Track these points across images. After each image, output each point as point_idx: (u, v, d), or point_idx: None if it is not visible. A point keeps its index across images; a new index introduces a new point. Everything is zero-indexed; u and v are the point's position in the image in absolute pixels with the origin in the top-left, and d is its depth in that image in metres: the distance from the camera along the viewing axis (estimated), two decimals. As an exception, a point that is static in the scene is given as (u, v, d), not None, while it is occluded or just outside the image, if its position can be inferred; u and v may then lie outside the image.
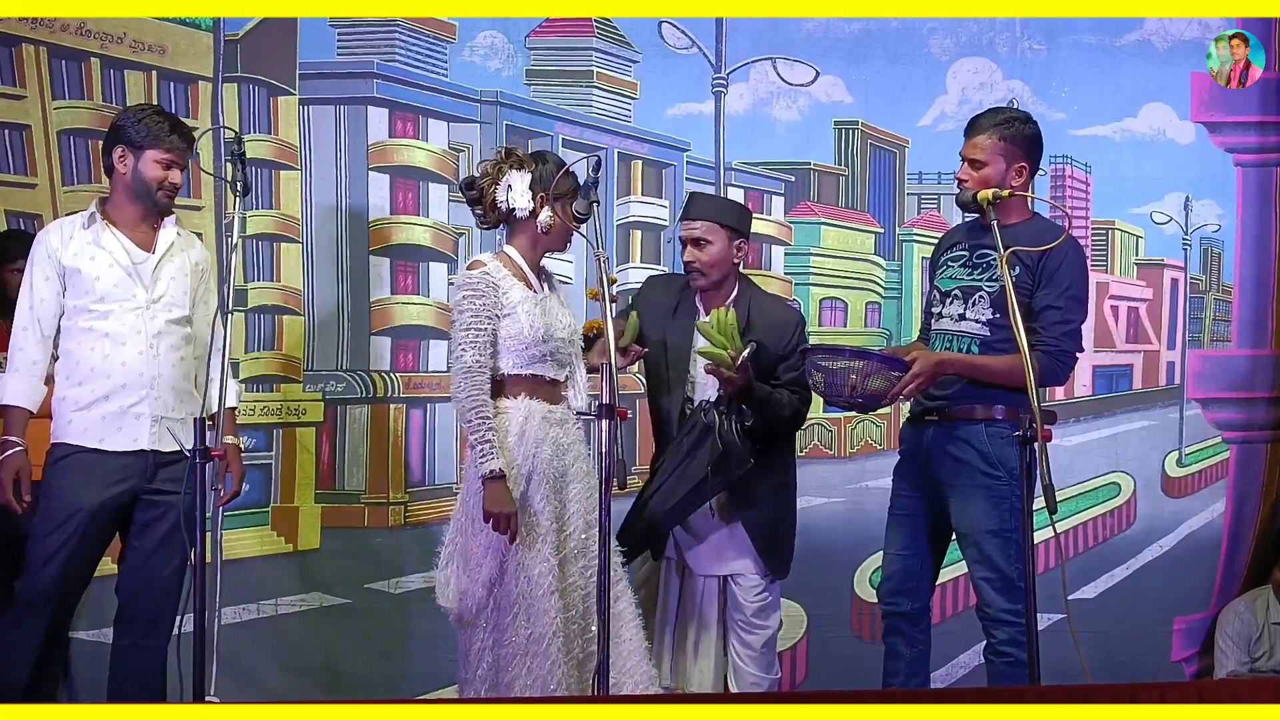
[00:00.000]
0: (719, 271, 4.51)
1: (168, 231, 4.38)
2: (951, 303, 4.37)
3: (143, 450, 4.27)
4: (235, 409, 4.46)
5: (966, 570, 4.43)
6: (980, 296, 4.31)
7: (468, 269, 4.29)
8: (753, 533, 4.51)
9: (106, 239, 4.29)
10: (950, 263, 4.42)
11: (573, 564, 4.23)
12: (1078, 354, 4.33)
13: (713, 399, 4.45)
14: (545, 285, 4.35)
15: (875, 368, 4.17)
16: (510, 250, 4.29)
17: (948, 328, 4.38)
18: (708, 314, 4.50)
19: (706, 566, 4.55)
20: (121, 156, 4.29)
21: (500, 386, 4.24)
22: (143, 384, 4.27)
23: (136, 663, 4.30)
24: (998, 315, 4.26)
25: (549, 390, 4.28)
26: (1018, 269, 4.21)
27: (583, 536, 4.24)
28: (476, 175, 4.33)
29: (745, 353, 4.29)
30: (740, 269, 4.61)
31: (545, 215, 4.24)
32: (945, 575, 4.76)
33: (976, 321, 4.31)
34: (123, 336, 4.26)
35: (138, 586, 4.30)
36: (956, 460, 4.28)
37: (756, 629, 4.54)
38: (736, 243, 4.52)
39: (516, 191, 4.23)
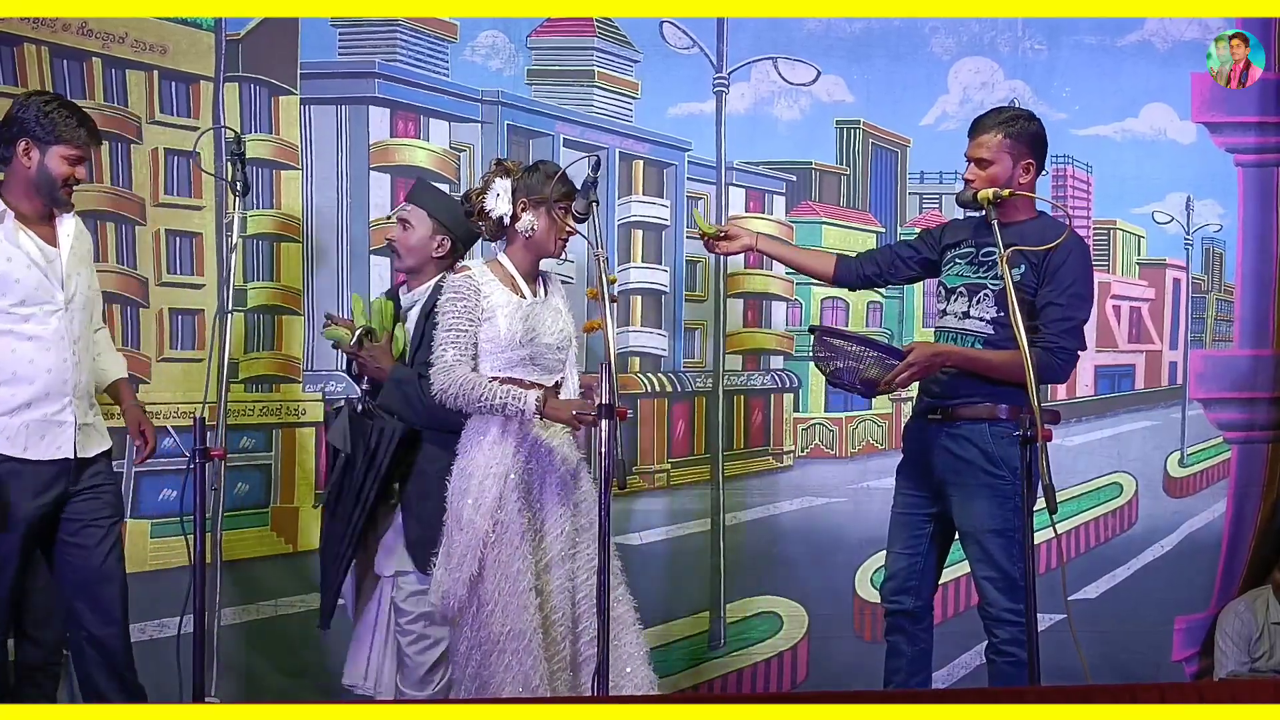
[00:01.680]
0: (414, 258, 4.58)
1: (67, 224, 4.31)
2: (956, 300, 4.38)
3: (67, 458, 4.23)
4: (125, 378, 4.53)
5: (969, 570, 4.43)
6: (985, 294, 4.32)
7: (452, 273, 4.37)
8: (406, 521, 4.45)
9: (22, 238, 4.20)
10: (958, 260, 4.43)
11: (559, 566, 4.25)
12: (1079, 351, 4.33)
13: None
14: (543, 291, 4.39)
15: (873, 357, 4.19)
16: (503, 257, 4.37)
17: (952, 325, 4.39)
18: (408, 291, 4.60)
19: (379, 565, 4.52)
20: (26, 150, 4.21)
21: None
22: (65, 391, 4.22)
23: (102, 654, 4.29)
24: (1002, 313, 4.26)
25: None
26: (1023, 267, 4.22)
27: (572, 539, 4.27)
28: (470, 190, 4.44)
29: (357, 333, 4.40)
30: (448, 263, 4.60)
31: (526, 221, 4.32)
32: (947, 575, 4.75)
33: (981, 319, 4.31)
34: (46, 341, 4.18)
35: (88, 579, 4.28)
36: (959, 459, 4.28)
37: (408, 632, 4.45)
38: (440, 238, 4.58)
39: (501, 198, 4.32)
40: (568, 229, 4.31)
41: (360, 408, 4.49)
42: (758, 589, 5.59)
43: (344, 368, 4.79)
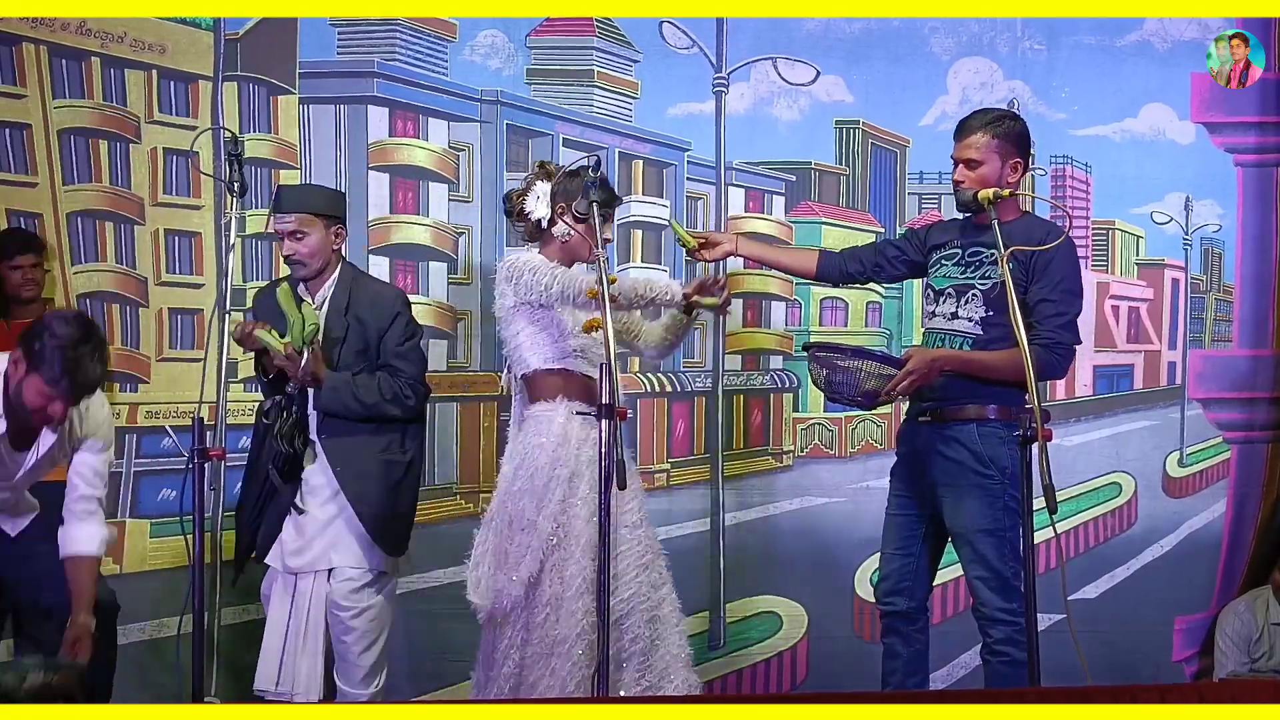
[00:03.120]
0: (319, 260, 4.55)
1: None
2: (944, 301, 4.38)
3: None
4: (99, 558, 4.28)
5: (964, 572, 4.42)
6: (973, 294, 4.32)
7: (514, 258, 4.36)
8: (360, 513, 4.44)
9: None
10: (944, 261, 4.43)
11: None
12: (1075, 346, 4.33)
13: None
14: None
15: (868, 366, 4.19)
16: (539, 257, 4.40)
17: (941, 326, 4.39)
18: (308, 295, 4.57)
19: (307, 562, 4.49)
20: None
21: (534, 387, 4.29)
22: None
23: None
24: (991, 313, 4.27)
25: (582, 389, 4.33)
26: (1011, 265, 4.22)
27: (626, 535, 4.29)
28: (513, 190, 4.49)
29: (299, 343, 4.31)
30: (343, 254, 4.63)
31: (561, 226, 4.36)
32: (945, 575, 4.76)
33: (969, 320, 4.32)
34: None
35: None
36: (949, 460, 4.29)
37: (351, 630, 4.45)
38: (334, 229, 4.57)
39: (540, 201, 4.36)
40: (605, 238, 4.27)
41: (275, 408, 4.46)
42: (757, 589, 5.59)
43: (256, 369, 4.65)
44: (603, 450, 3.81)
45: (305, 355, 4.34)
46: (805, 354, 4.40)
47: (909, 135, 5.76)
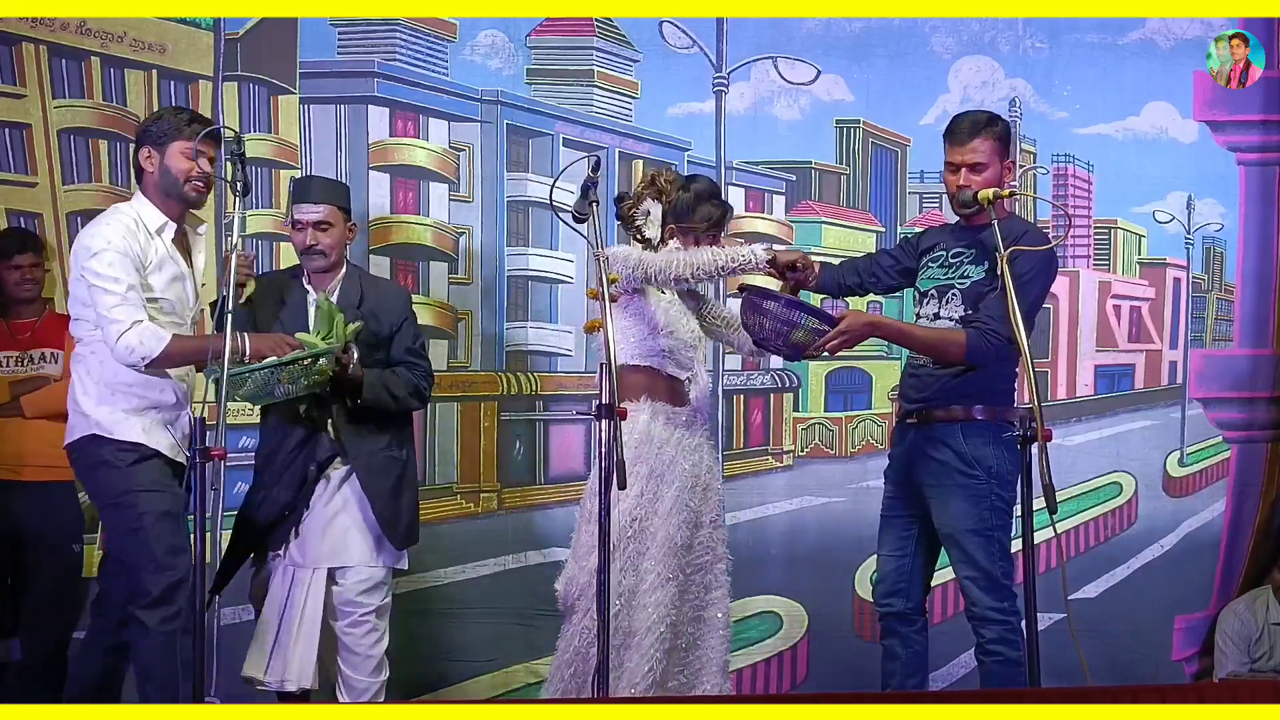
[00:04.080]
0: (337, 253, 4.60)
1: (200, 242, 4.46)
2: (928, 302, 4.38)
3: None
4: None
5: (955, 573, 4.40)
6: (953, 294, 4.33)
7: (613, 250, 4.39)
8: (376, 510, 4.48)
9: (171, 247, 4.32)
10: (930, 264, 4.43)
11: (682, 556, 4.36)
12: (1010, 343, 4.22)
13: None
14: (672, 293, 4.51)
15: (799, 318, 4.18)
16: None
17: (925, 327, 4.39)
18: (316, 292, 4.57)
19: (315, 557, 4.50)
20: (148, 156, 4.29)
21: (619, 385, 4.29)
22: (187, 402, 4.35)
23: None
24: (970, 311, 4.28)
25: (669, 389, 4.42)
26: (985, 264, 4.25)
27: (691, 536, 4.37)
28: (627, 193, 4.57)
29: (344, 341, 4.33)
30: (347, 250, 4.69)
31: (672, 245, 4.44)
32: (942, 576, 4.74)
33: (950, 319, 4.32)
34: None
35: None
36: (935, 461, 4.29)
37: (363, 624, 4.47)
38: (350, 224, 4.64)
39: (651, 221, 4.46)
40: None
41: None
42: (758, 589, 5.58)
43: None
44: (603, 450, 3.82)
45: (354, 352, 4.40)
46: (739, 293, 4.38)
47: (909, 134, 5.75)
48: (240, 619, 5.23)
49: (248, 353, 4.25)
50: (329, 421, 4.49)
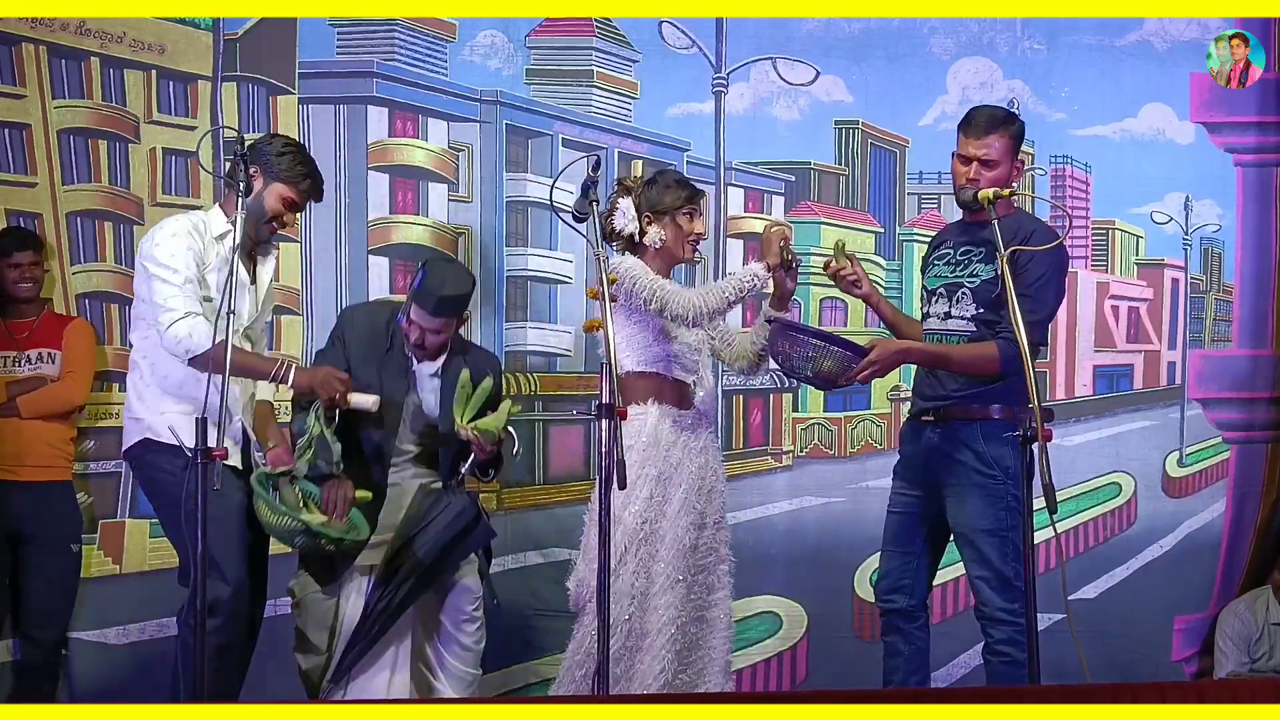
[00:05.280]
0: (443, 350, 4.48)
1: (269, 264, 4.47)
2: (937, 301, 4.39)
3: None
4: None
5: (966, 571, 4.42)
6: (964, 293, 4.33)
7: (618, 262, 4.41)
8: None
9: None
10: (936, 262, 4.44)
11: (689, 557, 4.40)
12: (1041, 345, 4.35)
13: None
14: None
15: (828, 350, 4.20)
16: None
17: (935, 327, 4.40)
18: (419, 363, 4.46)
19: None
20: (254, 175, 4.28)
21: (627, 390, 4.32)
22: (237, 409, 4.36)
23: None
24: (981, 310, 4.29)
25: (675, 393, 4.44)
26: (994, 262, 4.24)
27: (696, 537, 4.39)
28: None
29: (495, 435, 4.34)
30: None
31: (653, 233, 4.45)
32: (946, 575, 4.76)
33: (962, 318, 4.32)
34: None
35: None
36: (953, 460, 4.29)
37: (474, 620, 4.50)
38: (454, 322, 4.50)
39: (626, 217, 4.44)
40: (696, 233, 4.44)
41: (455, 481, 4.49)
42: (757, 589, 5.58)
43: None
44: (603, 450, 3.82)
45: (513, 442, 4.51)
46: (766, 324, 4.43)
47: (908, 135, 5.76)
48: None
49: (290, 378, 4.22)
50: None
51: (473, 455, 4.40)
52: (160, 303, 4.16)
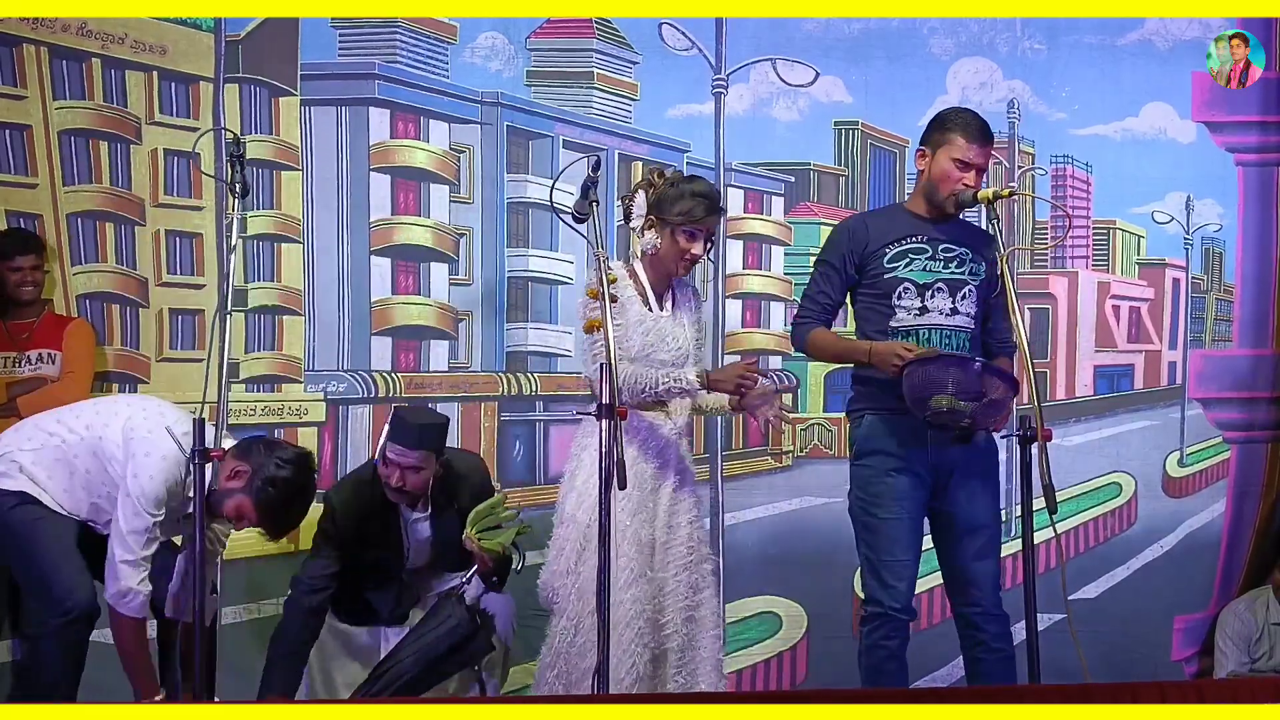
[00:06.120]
0: (423, 490, 4.65)
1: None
2: (935, 296, 4.33)
3: None
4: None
5: (962, 566, 4.36)
6: (969, 290, 4.33)
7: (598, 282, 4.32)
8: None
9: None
10: (911, 254, 4.31)
11: (661, 553, 4.38)
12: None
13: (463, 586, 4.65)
14: (670, 305, 4.43)
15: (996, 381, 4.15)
16: (638, 265, 4.43)
17: (940, 322, 4.31)
18: (406, 510, 4.68)
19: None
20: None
21: (593, 391, 4.30)
22: None
23: None
24: (978, 308, 4.34)
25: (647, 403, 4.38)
26: (983, 265, 4.27)
27: (666, 536, 4.37)
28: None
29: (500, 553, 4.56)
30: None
31: (648, 238, 4.38)
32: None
33: (967, 315, 4.33)
34: None
35: None
36: (967, 456, 4.30)
37: None
38: (435, 461, 4.64)
39: (636, 212, 4.39)
40: (692, 253, 4.32)
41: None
42: (757, 589, 5.59)
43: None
44: (602, 450, 3.82)
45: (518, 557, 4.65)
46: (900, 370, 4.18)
47: (908, 136, 5.74)
48: (240, 619, 5.24)
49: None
50: None
51: (475, 566, 4.58)
52: (122, 554, 4.20)
